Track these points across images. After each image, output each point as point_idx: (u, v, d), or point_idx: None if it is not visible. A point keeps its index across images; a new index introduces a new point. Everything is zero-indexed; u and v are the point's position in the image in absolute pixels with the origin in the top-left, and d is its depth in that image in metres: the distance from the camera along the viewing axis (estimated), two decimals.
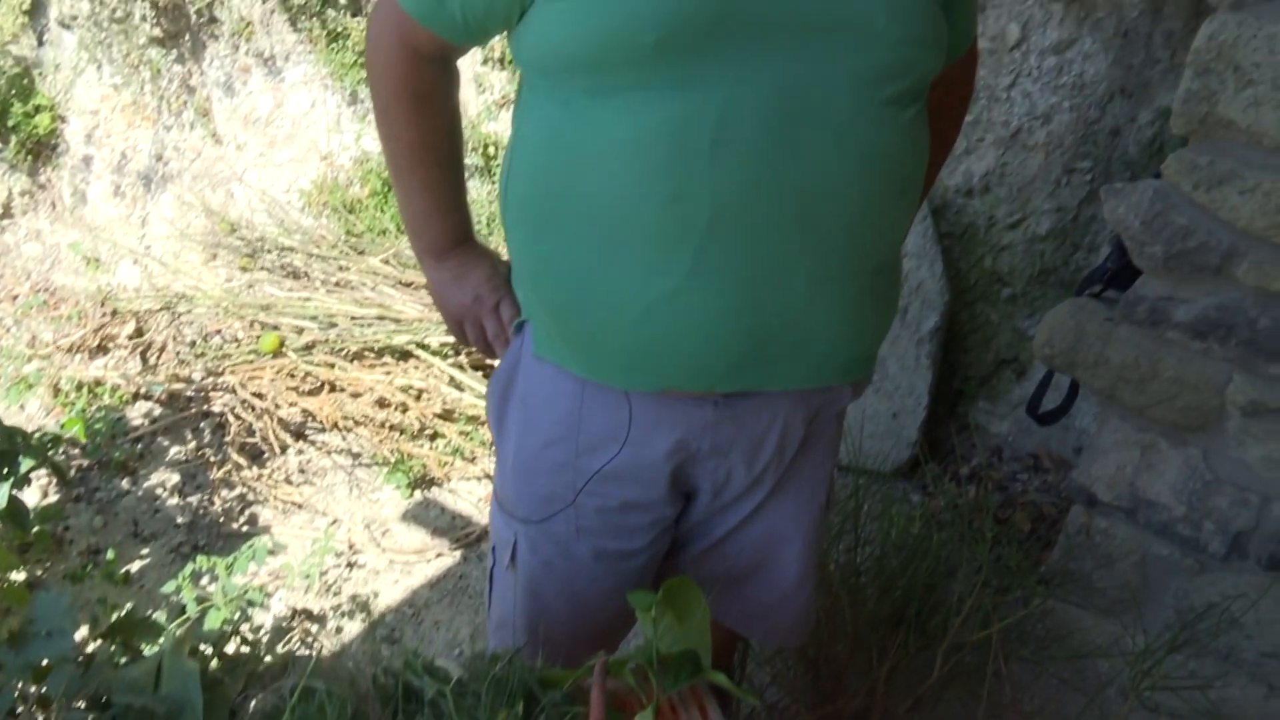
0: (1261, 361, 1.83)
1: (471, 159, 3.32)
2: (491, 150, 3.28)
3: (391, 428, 2.83)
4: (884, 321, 1.30)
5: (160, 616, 2.13)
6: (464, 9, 1.17)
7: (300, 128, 3.56)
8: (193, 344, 3.23)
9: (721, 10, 1.04)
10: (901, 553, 2.28)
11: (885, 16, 1.08)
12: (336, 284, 3.15)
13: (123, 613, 1.72)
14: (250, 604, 2.26)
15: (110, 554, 2.51)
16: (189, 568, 2.28)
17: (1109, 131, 2.63)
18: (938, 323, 2.72)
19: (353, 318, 2.96)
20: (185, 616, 2.11)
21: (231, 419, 2.95)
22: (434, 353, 2.99)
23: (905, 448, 2.76)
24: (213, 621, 2.10)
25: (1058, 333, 2.09)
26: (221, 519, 2.78)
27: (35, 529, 2.42)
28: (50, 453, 2.32)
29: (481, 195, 3.28)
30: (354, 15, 3.31)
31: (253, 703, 1.48)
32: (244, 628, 2.22)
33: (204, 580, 2.44)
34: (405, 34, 1.22)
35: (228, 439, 2.95)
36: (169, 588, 2.26)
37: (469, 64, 3.32)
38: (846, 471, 2.71)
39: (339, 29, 3.32)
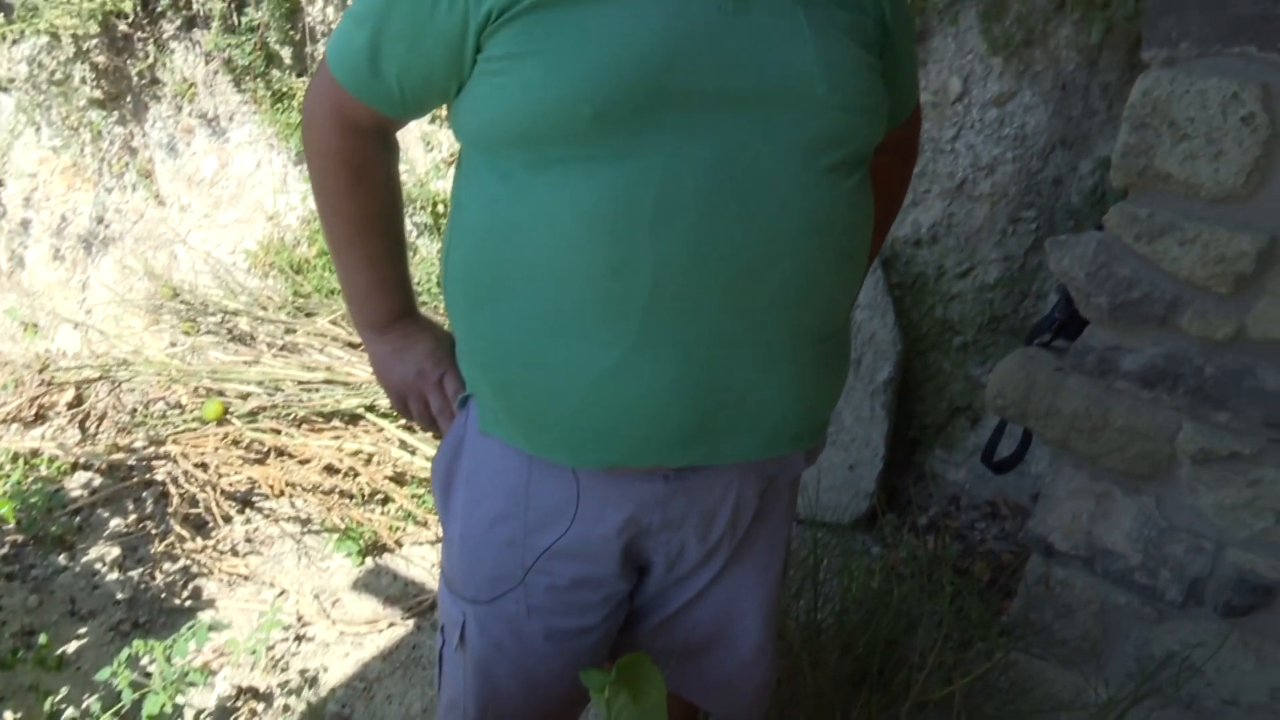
0: (1209, 410, 1.84)
1: (420, 217, 3.30)
2: (440, 208, 3.26)
3: (341, 494, 2.76)
4: (835, 388, 1.29)
5: (95, 704, 2.04)
6: (400, 83, 1.15)
7: (245, 188, 3.52)
8: (134, 411, 3.14)
9: (659, 82, 1.03)
10: (862, 608, 2.25)
11: (825, 85, 1.08)
12: (283, 347, 3.09)
13: (56, 699, 1.64)
14: (191, 685, 2.17)
15: (43, 638, 2.41)
16: (125, 652, 2.19)
17: (1051, 181, 2.67)
18: (891, 373, 2.73)
19: (299, 382, 2.90)
20: (120, 704, 2.02)
21: (173, 489, 2.86)
22: (384, 415, 2.93)
23: (863, 499, 2.75)
24: (151, 708, 2.01)
25: (1009, 384, 2.10)
26: (163, 594, 2.68)
27: None
28: None
29: (430, 254, 3.25)
30: (299, 75, 3.29)
31: None
32: (186, 712, 2.12)
33: (144, 661, 2.34)
34: (341, 107, 1.20)
35: (170, 510, 2.86)
36: (104, 674, 2.17)
37: (416, 121, 3.31)
38: (805, 525, 2.68)
39: (284, 89, 3.29)
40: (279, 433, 2.85)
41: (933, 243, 2.81)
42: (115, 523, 2.97)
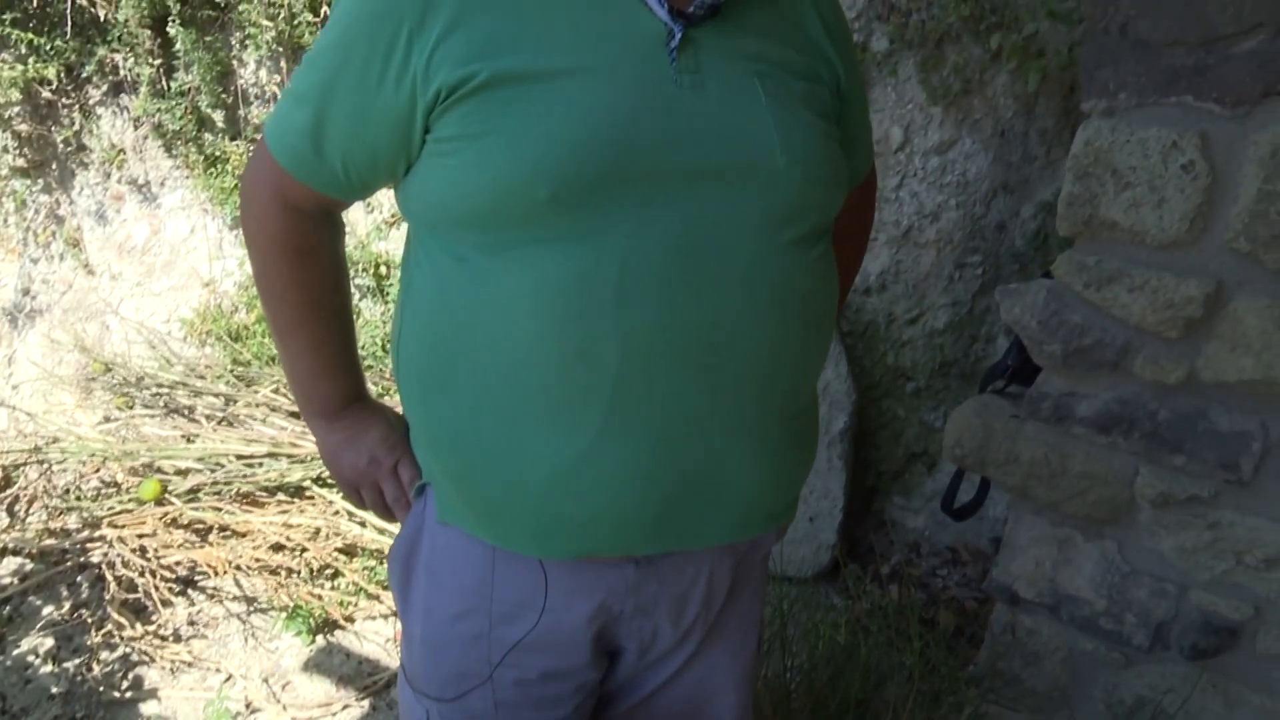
0: (1165, 453, 1.85)
1: (362, 279, 3.23)
2: (383, 270, 3.20)
3: (288, 571, 2.67)
4: (807, 462, 1.26)
5: None
6: (346, 165, 1.11)
7: (179, 254, 3.42)
8: (67, 492, 3.01)
9: (617, 160, 1.00)
10: (830, 665, 2.21)
11: (785, 159, 1.06)
12: (223, 420, 3.00)
13: None
14: None
15: None
16: None
17: (995, 226, 2.70)
18: (847, 422, 2.72)
19: (241, 457, 2.80)
20: None
21: (110, 574, 2.74)
22: (330, 486, 2.85)
23: (824, 551, 2.72)
24: None
25: (966, 433, 2.09)
26: (102, 686, 2.55)
27: None
28: None
29: (374, 317, 3.19)
30: (232, 139, 3.23)
31: None
32: None
33: None
34: (283, 190, 1.15)
35: (107, 595, 2.73)
36: None
37: None
38: (768, 582, 2.65)
39: (217, 153, 3.22)
40: (221, 510, 2.75)
41: (882, 290, 2.82)
42: (48, 611, 2.83)
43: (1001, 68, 2.53)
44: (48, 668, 2.64)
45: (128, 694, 2.54)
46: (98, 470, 3.01)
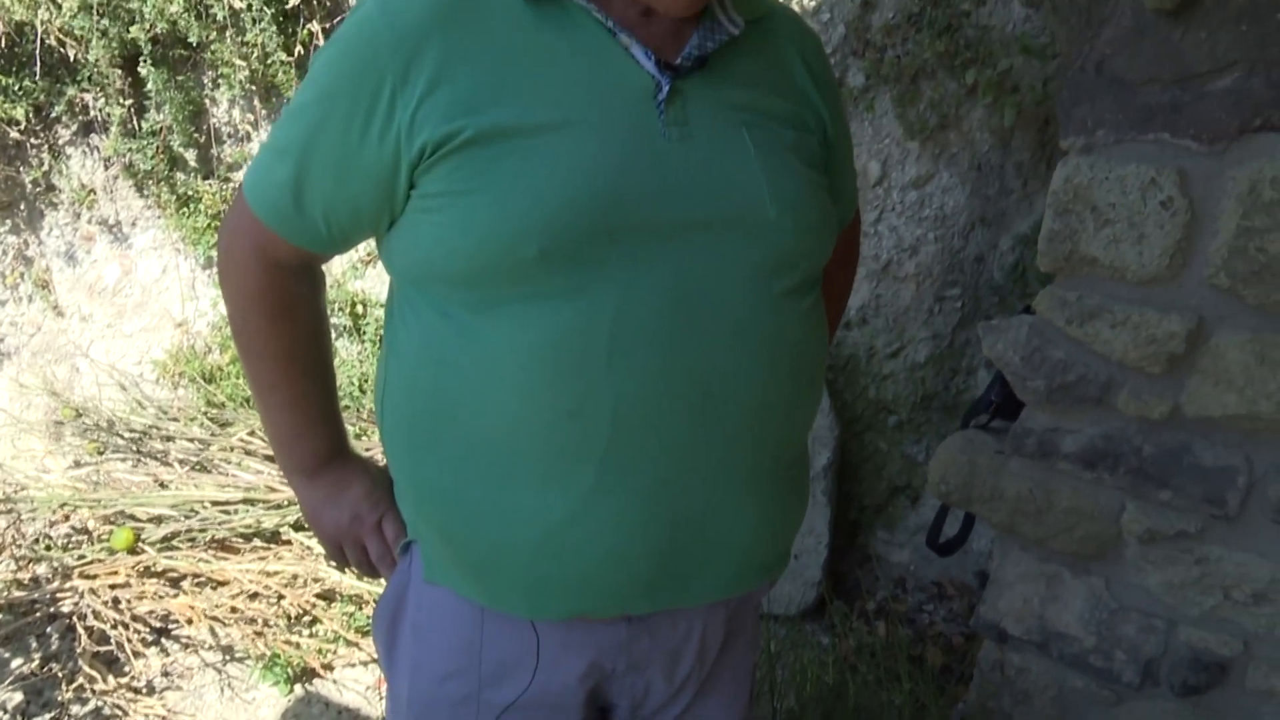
0: (1151, 489, 1.84)
1: (339, 319, 3.20)
2: (360, 309, 3.17)
3: (266, 622, 2.61)
4: (799, 514, 1.24)
5: None
6: (327, 219, 1.08)
7: (151, 295, 3.37)
8: (36, 541, 2.94)
9: (605, 216, 0.98)
10: (819, 707, 2.19)
11: (775, 208, 1.05)
12: (197, 464, 2.94)
13: None
14: None
15: None
16: None
17: (974, 259, 2.71)
18: (830, 458, 2.70)
19: (215, 503, 2.75)
20: None
21: (81, 625, 2.67)
22: (308, 530, 2.80)
23: (810, 588, 2.70)
24: None
25: (950, 469, 2.08)
26: None
27: None
28: None
29: (350, 356, 3.15)
30: (204, 178, 3.19)
31: None
32: None
33: None
34: (262, 245, 1.12)
35: (79, 648, 2.66)
36: None
37: None
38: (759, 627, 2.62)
39: (189, 193, 3.19)
40: (195, 558, 2.69)
41: (862, 324, 2.82)
42: (17, 664, 2.75)
43: (977, 102, 2.55)
44: None
45: None
46: (68, 518, 2.95)
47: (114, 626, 2.62)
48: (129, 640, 2.60)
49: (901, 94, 2.60)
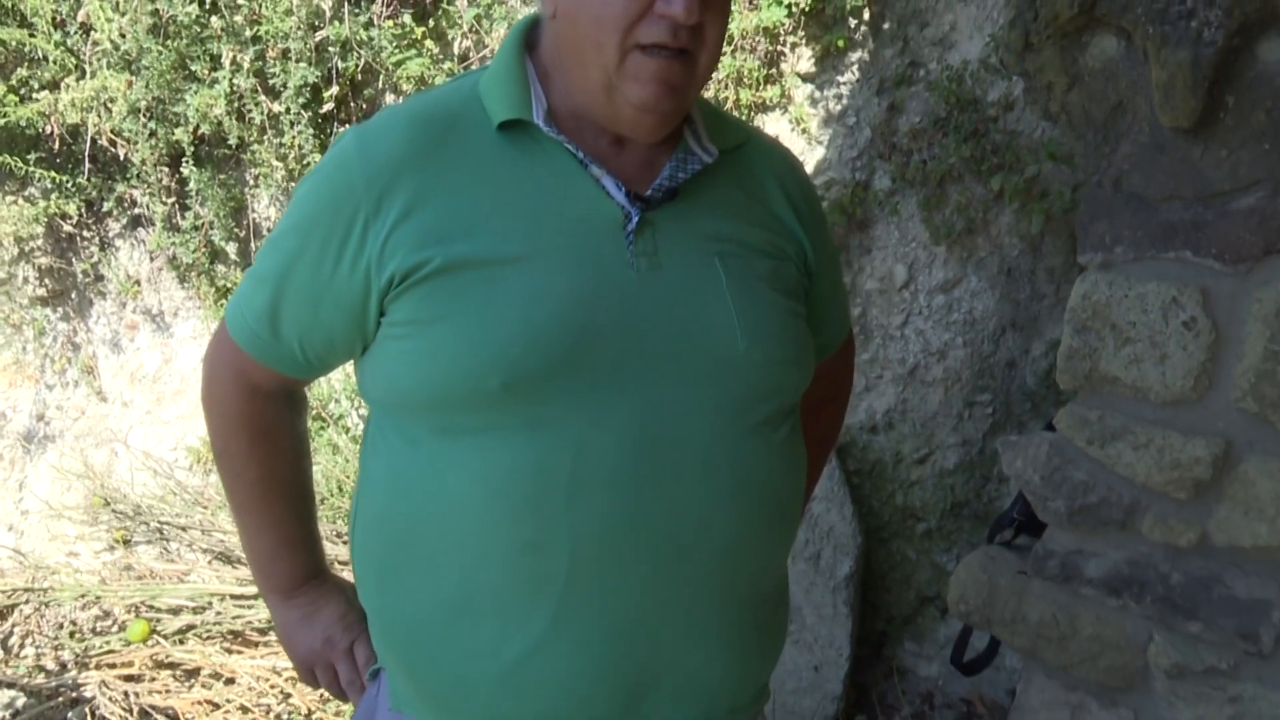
0: (1180, 620, 1.75)
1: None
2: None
3: (275, 717, 2.59)
4: (775, 651, 1.20)
5: None
6: (304, 345, 1.10)
7: (189, 383, 3.46)
8: (61, 626, 2.98)
9: (571, 349, 0.98)
10: None
11: (746, 342, 1.03)
12: (220, 554, 2.97)
13: None
14: None
15: None
16: None
17: (1005, 364, 2.65)
18: (852, 567, 2.63)
19: (234, 597, 2.77)
20: None
21: (100, 711, 2.67)
22: None
23: (829, 703, 2.60)
24: None
25: (970, 588, 2.00)
26: None
27: None
28: None
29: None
30: (243, 270, 3.28)
31: None
32: None
33: None
34: (243, 371, 1.14)
35: None
36: None
37: None
38: None
39: (229, 285, 3.28)
40: (208, 652, 2.70)
41: (889, 429, 2.77)
42: None
43: (1004, 207, 2.52)
44: None
45: None
46: (93, 606, 2.98)
47: (129, 712, 2.62)
48: None
49: (928, 198, 2.58)
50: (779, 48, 2.68)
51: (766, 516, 1.09)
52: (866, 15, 2.62)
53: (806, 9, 2.58)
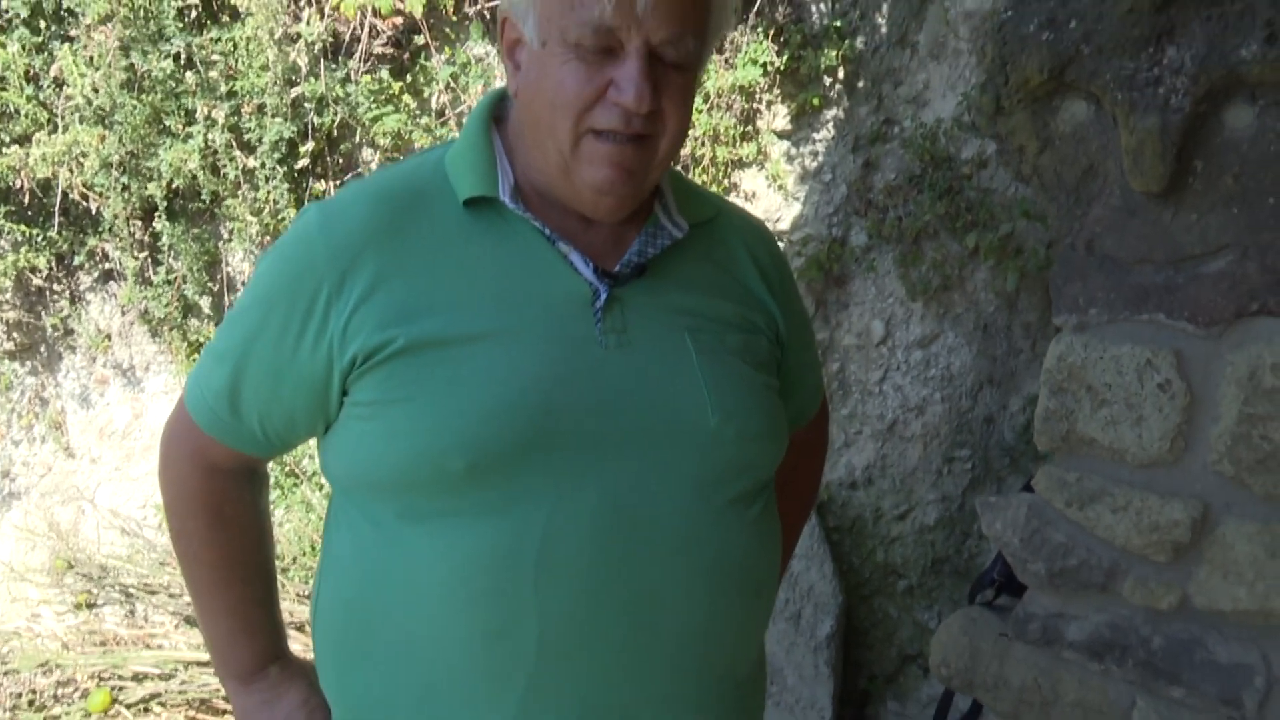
0: (1163, 684, 1.73)
1: None
2: None
3: None
4: None
5: None
6: (264, 424, 1.07)
7: (159, 438, 3.40)
8: (20, 695, 2.89)
9: (537, 429, 0.96)
10: None
11: (717, 417, 1.02)
12: (188, 618, 2.90)
13: None
14: None
15: None
16: None
17: (983, 420, 2.64)
18: (834, 626, 2.60)
19: (200, 664, 2.70)
20: None
21: None
22: None
23: None
24: None
25: (952, 651, 1.98)
26: None
27: None
28: None
29: None
30: (217, 324, 3.25)
31: None
32: None
33: None
34: (201, 449, 1.12)
35: None
36: None
37: None
38: None
39: (201, 339, 3.24)
40: None
41: (868, 484, 2.75)
42: None
43: (980, 263, 2.53)
44: None
45: None
46: (53, 673, 2.90)
47: None
48: None
49: (904, 254, 2.59)
50: (755, 105, 2.69)
51: (741, 595, 1.07)
52: (841, 74, 2.65)
53: (782, 68, 2.60)
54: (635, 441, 0.99)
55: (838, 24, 2.59)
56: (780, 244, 2.69)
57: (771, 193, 2.76)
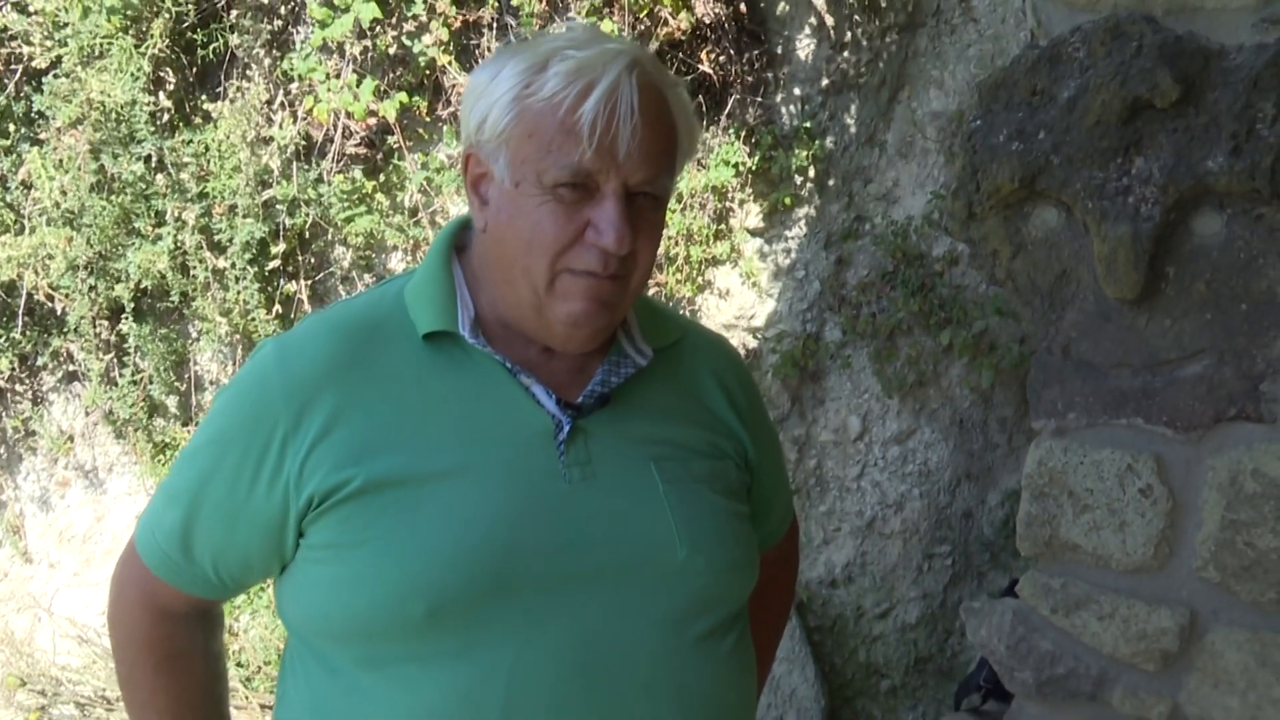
0: None
1: None
2: None
3: None
4: None
5: None
6: (217, 566, 1.03)
7: (121, 541, 3.30)
8: None
9: (500, 570, 0.93)
10: None
11: (685, 549, 0.99)
12: None
13: None
14: None
15: None
16: None
17: (961, 515, 2.63)
18: None
19: None
20: None
21: None
22: None
23: None
24: None
25: None
26: None
27: None
28: None
29: None
30: (184, 425, 3.19)
31: None
32: None
33: None
34: (151, 592, 1.07)
35: None
36: None
37: None
38: None
39: (167, 439, 3.18)
40: None
41: (848, 583, 2.71)
42: None
43: (955, 360, 2.53)
44: None
45: None
46: None
47: None
48: None
49: (878, 350, 2.60)
50: (728, 204, 2.72)
51: None
52: (812, 172, 2.68)
53: (754, 168, 2.64)
54: (602, 579, 0.97)
55: (807, 125, 2.63)
56: (754, 341, 2.71)
57: (745, 289, 2.77)
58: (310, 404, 0.96)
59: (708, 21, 2.53)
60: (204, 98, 3.01)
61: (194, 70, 3.02)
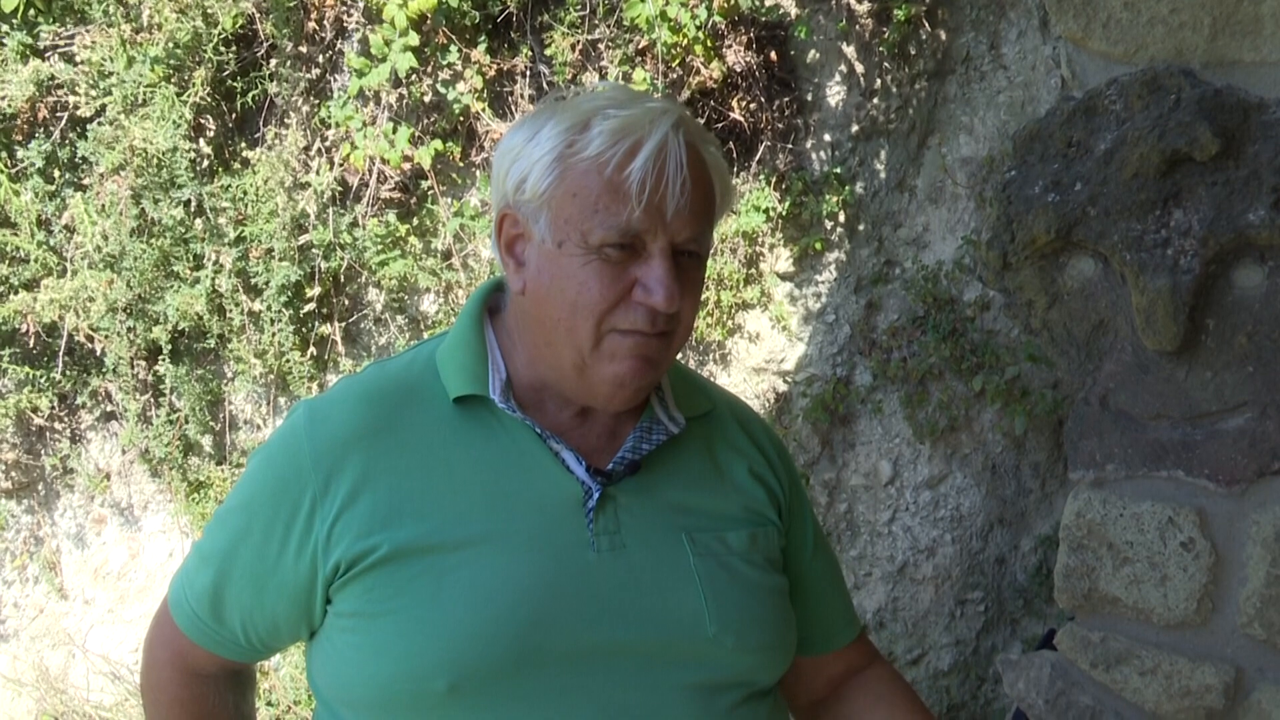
0: None
1: None
2: None
3: None
4: None
5: None
6: (247, 629, 1.04)
7: (155, 579, 3.35)
8: None
9: (523, 645, 0.93)
10: None
11: (715, 626, 0.98)
12: None
13: None
14: None
15: None
16: None
17: (994, 560, 2.60)
18: None
19: None
20: None
21: None
22: None
23: None
24: None
25: None
26: None
27: None
28: None
29: None
30: (218, 464, 3.22)
31: None
32: None
33: None
34: (182, 653, 1.08)
35: None
36: None
37: None
38: None
39: (202, 478, 3.21)
40: None
41: (879, 628, 2.69)
42: None
43: (987, 405, 2.52)
44: None
45: None
46: None
47: None
48: None
49: (909, 395, 2.59)
50: (758, 249, 2.73)
51: None
52: (842, 217, 2.69)
53: (784, 214, 2.65)
54: (628, 654, 0.96)
55: (838, 170, 2.65)
56: (784, 385, 2.71)
57: (775, 334, 2.78)
58: (338, 469, 0.97)
59: (739, 70, 2.56)
60: (243, 144, 3.07)
61: (233, 117, 3.08)
